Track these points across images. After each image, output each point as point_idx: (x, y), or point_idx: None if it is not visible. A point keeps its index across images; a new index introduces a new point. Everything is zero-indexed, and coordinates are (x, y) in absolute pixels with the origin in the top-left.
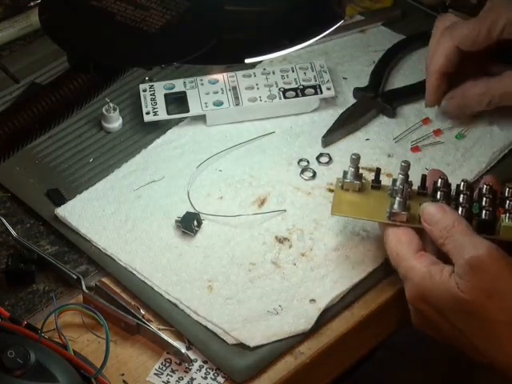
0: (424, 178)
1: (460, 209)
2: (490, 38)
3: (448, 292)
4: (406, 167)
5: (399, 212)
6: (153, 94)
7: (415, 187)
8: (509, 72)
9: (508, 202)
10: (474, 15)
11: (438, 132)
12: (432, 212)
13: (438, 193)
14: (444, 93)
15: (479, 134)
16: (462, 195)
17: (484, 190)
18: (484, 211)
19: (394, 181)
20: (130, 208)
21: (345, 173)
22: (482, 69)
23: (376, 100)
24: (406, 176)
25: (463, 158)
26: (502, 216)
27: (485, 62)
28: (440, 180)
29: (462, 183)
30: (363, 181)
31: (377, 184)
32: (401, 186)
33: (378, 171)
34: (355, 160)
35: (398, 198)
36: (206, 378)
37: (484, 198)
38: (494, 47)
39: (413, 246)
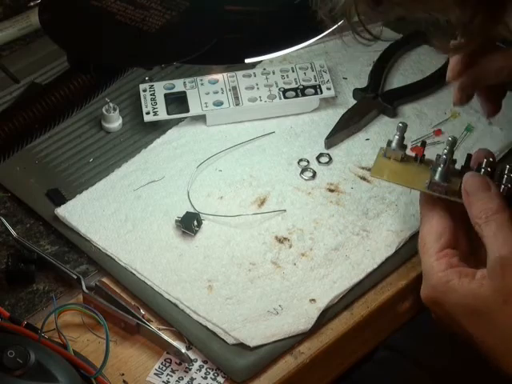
0: (469, 156)
1: (502, 187)
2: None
3: (465, 295)
4: (452, 142)
5: (439, 182)
6: (153, 94)
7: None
8: None
9: None
10: None
11: (438, 132)
12: (477, 184)
13: (482, 170)
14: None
15: (479, 134)
16: (505, 176)
17: None
18: None
19: (438, 156)
20: (129, 208)
21: (389, 141)
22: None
23: (376, 100)
24: (451, 152)
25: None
26: None
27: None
28: (485, 160)
29: (508, 167)
30: (406, 152)
31: (419, 157)
32: (444, 157)
33: (423, 144)
34: (402, 128)
35: (439, 169)
36: (205, 378)
37: None
38: None
39: (441, 241)
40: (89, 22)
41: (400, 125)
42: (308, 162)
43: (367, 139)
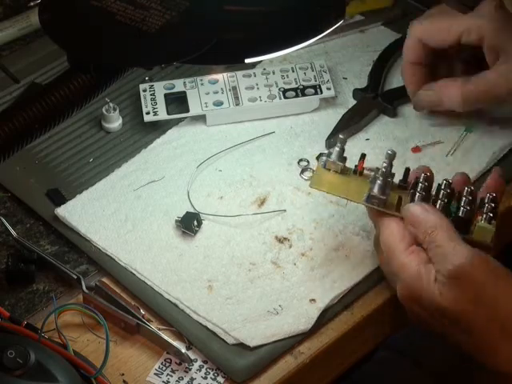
0: (407, 170)
1: (438, 202)
2: (448, 38)
3: (433, 297)
4: (391, 155)
5: (378, 195)
6: (153, 94)
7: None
8: (482, 73)
9: (487, 205)
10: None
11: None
12: (415, 212)
13: (419, 185)
14: (420, 85)
15: (479, 134)
16: (442, 191)
17: (465, 192)
18: (462, 209)
19: (377, 169)
20: (129, 208)
21: (329, 152)
22: (462, 71)
23: (376, 100)
24: (390, 165)
25: (463, 158)
26: (479, 217)
27: (464, 65)
28: (423, 175)
29: (444, 182)
30: (346, 165)
31: (359, 170)
32: (383, 170)
33: (363, 156)
34: (343, 140)
35: (378, 182)
36: (205, 378)
37: (463, 198)
38: (469, 51)
39: (406, 239)
40: (89, 21)
41: (341, 137)
42: (308, 162)
43: (367, 139)
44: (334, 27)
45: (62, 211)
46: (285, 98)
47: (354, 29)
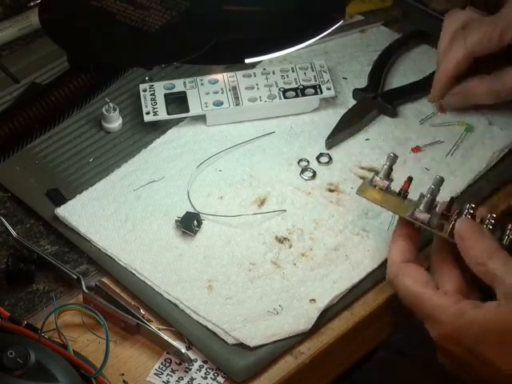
0: (452, 199)
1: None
2: (501, 43)
3: (486, 324)
4: (439, 181)
5: (423, 212)
6: (153, 94)
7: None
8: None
9: None
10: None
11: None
12: (470, 228)
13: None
14: (450, 89)
15: (479, 134)
16: (488, 220)
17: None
18: (506, 238)
19: (422, 195)
20: (130, 208)
21: (376, 171)
22: (489, 67)
23: (376, 100)
24: (438, 189)
25: (463, 157)
26: None
27: (493, 62)
28: (468, 205)
29: (489, 215)
30: (391, 185)
31: (405, 192)
32: (432, 188)
33: (410, 179)
34: (392, 158)
35: (425, 199)
36: (205, 378)
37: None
38: (504, 50)
39: (431, 284)
40: (89, 22)
41: (391, 155)
42: (308, 162)
43: (367, 139)
44: (334, 27)
45: (62, 211)
46: (285, 98)
47: (354, 29)
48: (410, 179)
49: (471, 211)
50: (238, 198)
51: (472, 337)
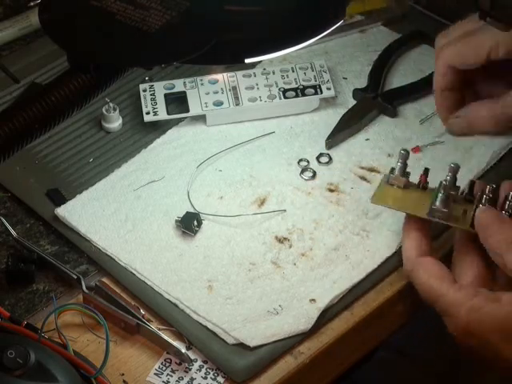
0: (472, 183)
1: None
2: (478, 58)
3: (502, 318)
4: (454, 168)
5: (440, 209)
6: (153, 94)
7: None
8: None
9: None
10: None
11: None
12: (490, 218)
13: (484, 197)
14: (452, 110)
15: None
16: (508, 203)
17: None
18: None
19: (441, 183)
20: (130, 208)
21: (392, 168)
22: (488, 87)
23: (376, 100)
24: (453, 178)
25: (463, 157)
26: None
27: (491, 80)
28: (488, 187)
29: (511, 193)
30: (409, 179)
31: (424, 184)
32: (445, 183)
33: (426, 171)
34: (404, 155)
35: (440, 195)
36: (205, 378)
37: None
38: (496, 66)
39: (448, 277)
40: (89, 22)
41: (402, 152)
42: (308, 162)
43: (367, 139)
44: (334, 27)
45: (62, 211)
46: (285, 98)
47: (354, 29)
48: (426, 171)
49: (490, 195)
50: (238, 198)
51: (488, 331)
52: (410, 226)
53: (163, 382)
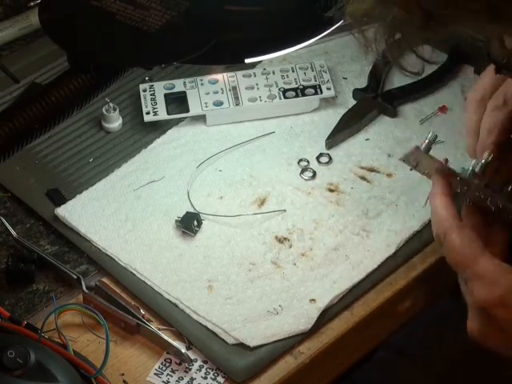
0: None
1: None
2: None
3: None
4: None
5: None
6: (153, 94)
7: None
8: None
9: None
10: None
11: (443, 108)
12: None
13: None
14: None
15: None
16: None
17: None
18: None
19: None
20: (130, 208)
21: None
22: None
23: (376, 100)
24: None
25: (463, 157)
26: None
27: None
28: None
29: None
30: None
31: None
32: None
33: (446, 160)
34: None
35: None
36: (205, 378)
37: None
38: None
39: (480, 243)
40: (89, 22)
41: (429, 137)
42: (308, 162)
43: (367, 139)
44: (333, 27)
45: (62, 211)
46: (285, 98)
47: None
48: (445, 161)
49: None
50: (238, 198)
51: None
52: (441, 189)
53: (163, 381)
